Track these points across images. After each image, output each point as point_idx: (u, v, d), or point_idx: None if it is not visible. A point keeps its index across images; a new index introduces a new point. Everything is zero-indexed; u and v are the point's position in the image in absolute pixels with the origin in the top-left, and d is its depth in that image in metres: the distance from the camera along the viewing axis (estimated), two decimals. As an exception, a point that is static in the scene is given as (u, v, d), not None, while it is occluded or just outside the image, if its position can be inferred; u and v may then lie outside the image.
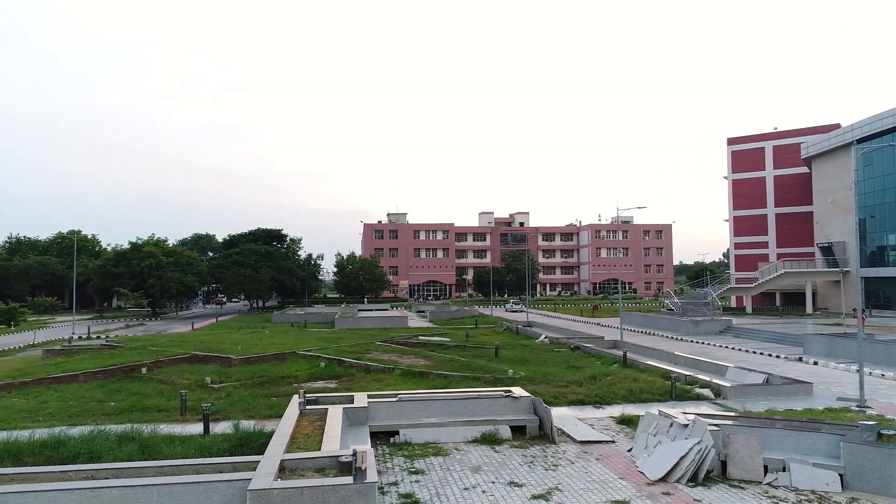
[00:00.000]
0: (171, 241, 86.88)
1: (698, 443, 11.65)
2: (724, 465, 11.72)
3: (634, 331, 44.86)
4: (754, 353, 31.56)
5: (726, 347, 34.17)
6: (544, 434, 14.65)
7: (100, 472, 9.93)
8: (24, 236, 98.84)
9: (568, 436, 14.64)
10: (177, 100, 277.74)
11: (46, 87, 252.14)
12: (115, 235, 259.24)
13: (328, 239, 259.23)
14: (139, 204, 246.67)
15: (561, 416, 16.35)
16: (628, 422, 15.93)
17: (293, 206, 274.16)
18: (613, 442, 14.21)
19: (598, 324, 52.24)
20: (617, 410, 17.49)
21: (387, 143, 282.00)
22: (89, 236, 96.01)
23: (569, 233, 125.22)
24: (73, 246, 72.37)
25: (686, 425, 12.30)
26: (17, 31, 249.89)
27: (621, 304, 41.40)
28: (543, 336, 37.55)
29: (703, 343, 36.50)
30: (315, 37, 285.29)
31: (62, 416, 17.02)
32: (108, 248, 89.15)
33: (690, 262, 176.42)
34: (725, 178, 70.66)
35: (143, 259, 68.22)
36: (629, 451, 13.35)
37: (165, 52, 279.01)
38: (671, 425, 12.61)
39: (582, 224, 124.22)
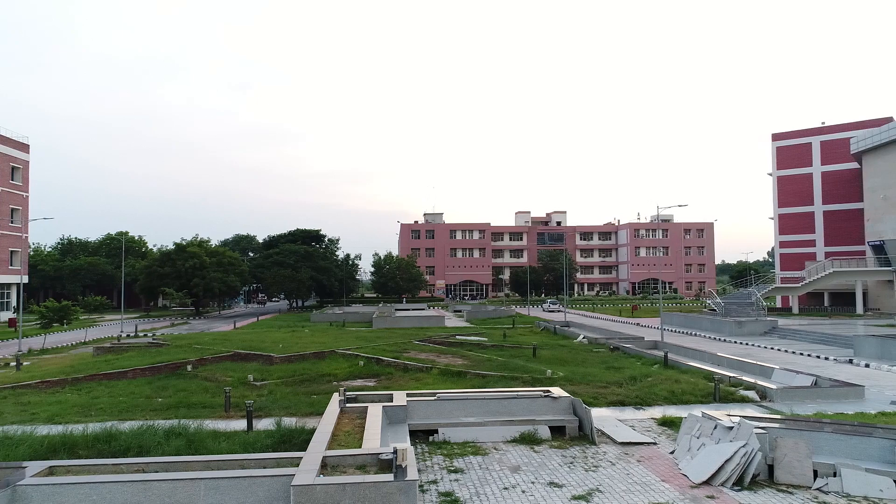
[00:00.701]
0: (214, 242, 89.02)
1: (744, 446, 11.38)
2: (770, 469, 11.42)
3: (675, 331, 44.04)
4: (801, 354, 30.62)
5: (771, 349, 33.24)
6: (584, 435, 14.52)
7: (149, 466, 10.27)
8: (76, 238, 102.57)
9: (608, 437, 14.47)
10: (223, 102, 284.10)
11: (96, 91, 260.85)
12: (160, 236, 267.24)
13: (365, 239, 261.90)
14: (184, 205, 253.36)
15: (601, 416, 16.17)
16: (670, 423, 15.66)
17: (331, 206, 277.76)
18: (655, 444, 13.99)
19: (638, 324, 51.43)
20: (658, 412, 17.21)
21: (424, 143, 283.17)
22: (136, 237, 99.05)
23: (607, 232, 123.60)
24: (121, 247, 74.87)
25: (731, 428, 12.03)
26: (68, 36, 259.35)
27: (661, 304, 40.73)
28: (582, 336, 37.18)
29: (747, 344, 35.59)
30: (356, 39, 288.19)
31: (113, 411, 17.61)
32: (154, 249, 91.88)
33: (733, 261, 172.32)
34: (770, 174, 68.75)
35: (187, 259, 70.03)
36: (671, 453, 13.13)
37: (212, 56, 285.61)
38: (715, 427, 12.35)
39: (620, 223, 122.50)
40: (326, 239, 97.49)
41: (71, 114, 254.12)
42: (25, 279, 65.20)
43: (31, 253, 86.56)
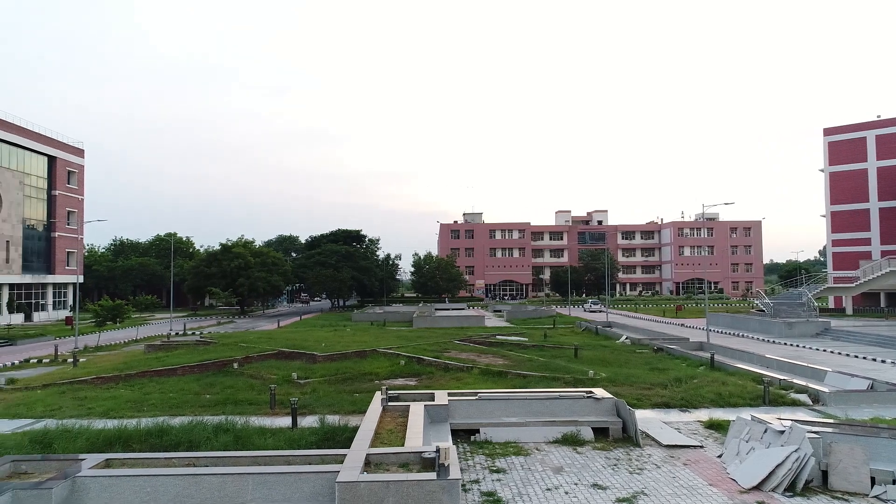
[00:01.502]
0: (258, 243, 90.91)
1: (796, 450, 11.04)
2: (824, 475, 11.04)
3: (721, 332, 42.97)
4: (856, 357, 29.47)
5: (824, 351, 32.10)
6: (628, 437, 14.31)
7: (199, 460, 10.58)
8: (127, 239, 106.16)
9: (653, 439, 14.23)
10: (267, 105, 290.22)
11: (145, 97, 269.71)
12: (207, 237, 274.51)
13: (405, 239, 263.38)
14: (229, 206, 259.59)
15: (645, 418, 15.91)
16: (717, 426, 15.30)
17: (372, 207, 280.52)
18: (702, 447, 13.69)
19: (682, 325, 50.34)
20: (704, 414, 16.83)
21: (463, 143, 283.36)
22: (184, 238, 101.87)
23: (650, 231, 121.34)
24: (170, 248, 77.11)
25: (782, 432, 11.69)
26: (118, 45, 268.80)
27: (707, 304, 39.78)
28: (624, 337, 36.63)
29: (797, 346, 34.46)
30: (397, 42, 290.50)
31: (164, 407, 18.19)
32: (201, 250, 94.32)
33: (782, 260, 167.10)
34: (822, 170, 66.35)
35: (233, 259, 71.70)
36: (719, 456, 12.82)
37: (257, 60, 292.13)
38: (765, 431, 12.02)
39: (664, 222, 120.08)
40: (367, 239, 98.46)
41: (121, 119, 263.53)
42: (81, 279, 67.81)
43: (86, 254, 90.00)
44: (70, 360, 29.97)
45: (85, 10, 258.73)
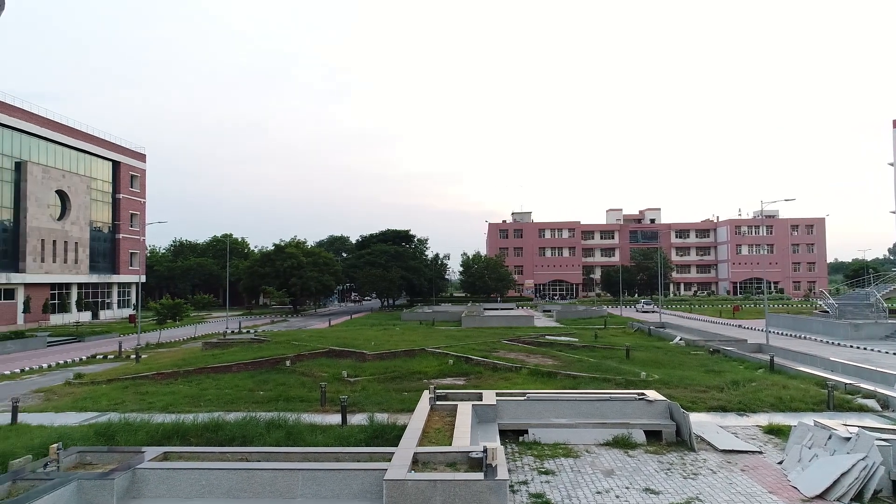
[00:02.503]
0: (310, 243, 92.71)
1: (863, 458, 10.48)
2: (895, 485, 10.45)
3: (782, 334, 41.34)
4: (930, 361, 27.84)
5: (894, 354, 30.45)
6: (682, 441, 13.91)
7: (252, 455, 10.83)
8: (186, 240, 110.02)
9: (708, 443, 13.78)
10: (319, 108, 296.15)
11: (202, 101, 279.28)
12: (261, 238, 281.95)
13: (454, 239, 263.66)
14: (283, 207, 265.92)
15: (700, 422, 15.43)
16: (777, 432, 14.70)
17: (420, 207, 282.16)
18: (761, 453, 13.17)
19: (740, 326, 48.66)
20: (763, 419, 16.20)
21: (512, 142, 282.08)
22: (240, 239, 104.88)
23: (705, 229, 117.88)
24: (226, 248, 79.43)
25: (848, 438, 11.12)
26: (176, 52, 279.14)
27: (766, 304, 38.34)
28: (678, 338, 35.67)
29: (864, 349, 32.81)
30: (442, 41, 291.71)
31: (219, 403, 18.74)
32: (256, 250, 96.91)
33: (848, 258, 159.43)
34: (891, 164, 63.03)
35: (286, 259, 73.40)
36: (779, 463, 12.31)
37: (312, 63, 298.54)
38: (829, 438, 11.46)
39: (720, 219, 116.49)
40: (416, 239, 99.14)
41: (181, 122, 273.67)
42: (143, 279, 70.71)
43: (148, 255, 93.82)
44: (133, 356, 31.27)
45: (149, 22, 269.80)
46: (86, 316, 62.33)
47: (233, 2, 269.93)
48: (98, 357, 32.67)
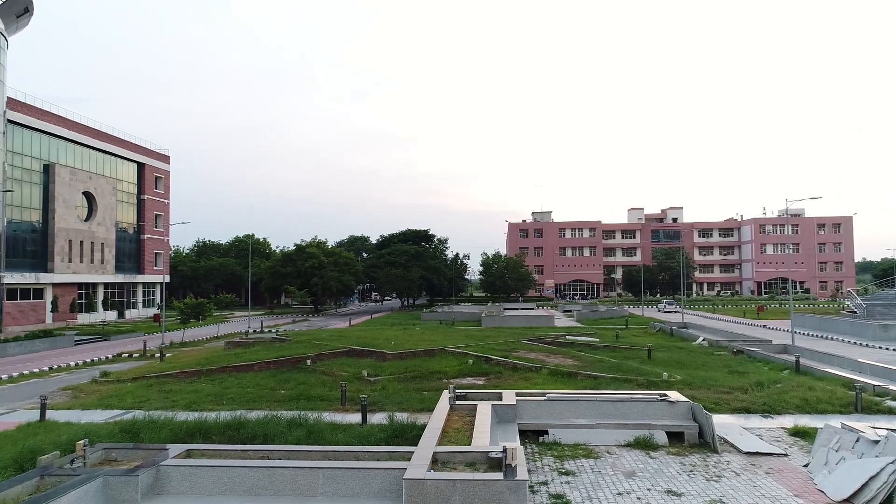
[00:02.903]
0: (330, 243, 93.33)
1: (893, 462, 10.24)
2: (926, 489, 10.19)
3: (808, 334, 40.61)
4: (962, 362, 27.12)
5: (925, 355, 29.74)
6: (704, 442, 13.73)
7: (273, 453, 10.91)
8: (209, 240, 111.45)
9: (732, 445, 13.58)
10: (338, 109, 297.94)
11: (223, 103, 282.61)
12: (282, 238, 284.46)
13: (473, 239, 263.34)
14: (303, 208, 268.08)
15: (723, 424, 15.22)
16: (803, 434, 14.45)
17: (440, 206, 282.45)
18: (786, 455, 12.94)
19: (765, 326, 47.92)
20: (789, 421, 15.93)
21: (530, 141, 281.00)
22: (261, 239, 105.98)
23: (729, 228, 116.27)
24: (248, 248, 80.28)
25: (876, 441, 10.88)
26: (199, 55, 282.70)
27: (792, 304, 37.66)
28: (701, 338, 35.23)
29: (894, 350, 32.10)
30: (458, 39, 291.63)
31: (241, 401, 18.94)
32: (277, 250, 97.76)
33: (876, 258, 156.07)
34: (921, 161, 61.58)
35: (307, 259, 73.96)
36: (805, 466, 12.09)
37: (330, 64, 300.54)
38: (857, 440, 11.23)
39: (744, 218, 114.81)
40: (436, 239, 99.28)
41: (203, 124, 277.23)
42: (167, 279, 71.78)
43: (172, 255, 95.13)
44: (157, 355, 31.75)
45: (173, 26, 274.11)
46: (112, 315, 63.42)
47: (255, 6, 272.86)
48: (123, 356, 33.23)
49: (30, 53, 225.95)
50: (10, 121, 49.66)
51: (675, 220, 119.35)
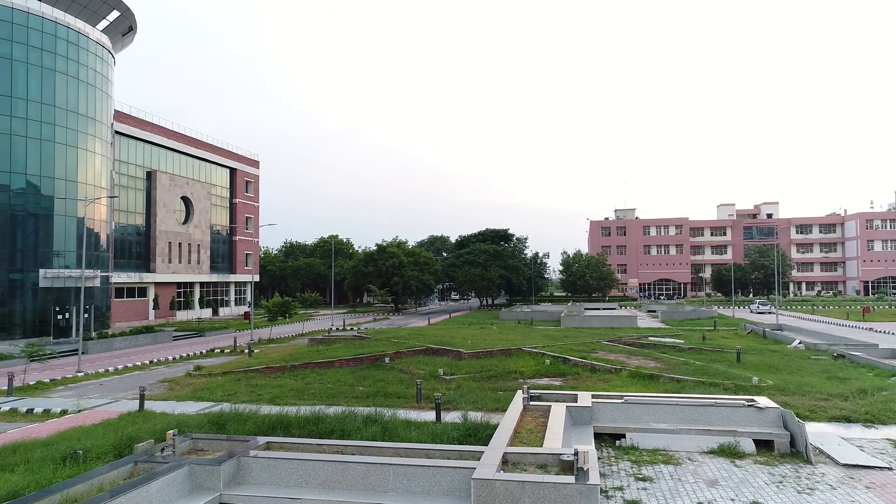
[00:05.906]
0: (411, 243, 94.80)
1: None
2: None
3: (921, 338, 37.25)
4: None
5: None
6: (796, 452, 12.87)
7: (347, 448, 11.18)
8: (296, 241, 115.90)
9: (828, 456, 12.65)
10: (422, 109, 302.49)
11: (309, 105, 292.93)
12: (364, 238, 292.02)
13: (554, 237, 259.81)
14: (386, 208, 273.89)
15: (819, 433, 14.22)
16: (912, 447, 13.25)
17: (520, 206, 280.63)
18: (890, 469, 11.92)
19: (871, 329, 44.36)
20: (895, 432, 14.66)
21: (614, 136, 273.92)
22: (344, 240, 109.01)
23: (830, 223, 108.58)
24: (332, 249, 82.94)
25: None
26: (284, 67, 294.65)
27: (902, 306, 34.66)
28: (797, 341, 33.08)
29: None
30: (544, 37, 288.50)
31: (322, 397, 19.56)
32: (359, 250, 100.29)
33: None
34: None
35: (388, 259, 75.50)
36: (913, 482, 11.08)
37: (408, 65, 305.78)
38: (974, 456, 10.16)
39: (848, 213, 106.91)
40: (515, 238, 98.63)
41: (290, 128, 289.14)
42: (257, 278, 75.35)
43: (262, 255, 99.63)
44: (246, 350, 33.36)
45: (258, 38, 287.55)
46: (206, 312, 67.24)
47: (335, 14, 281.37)
48: (216, 351, 35.13)
49: (130, 67, 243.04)
50: (116, 132, 53.65)
51: (769, 215, 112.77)
